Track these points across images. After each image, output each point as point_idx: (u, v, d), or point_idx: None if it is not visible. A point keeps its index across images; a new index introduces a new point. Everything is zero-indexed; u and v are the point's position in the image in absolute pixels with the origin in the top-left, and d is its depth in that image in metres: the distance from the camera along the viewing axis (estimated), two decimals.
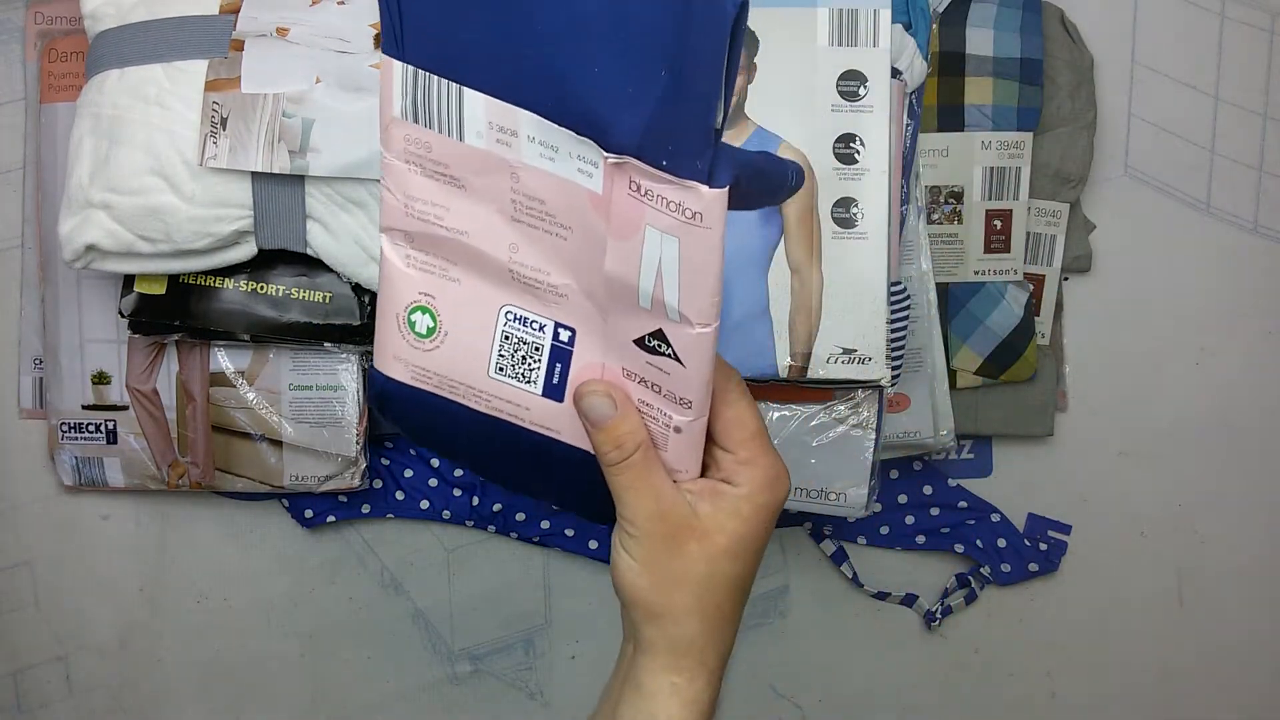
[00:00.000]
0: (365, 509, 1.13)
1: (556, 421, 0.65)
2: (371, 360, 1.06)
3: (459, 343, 0.65)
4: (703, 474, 0.63)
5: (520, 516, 1.13)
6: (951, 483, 1.14)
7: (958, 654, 1.17)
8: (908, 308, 0.98)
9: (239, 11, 0.96)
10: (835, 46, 0.93)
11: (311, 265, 1.00)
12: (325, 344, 1.02)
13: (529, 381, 0.64)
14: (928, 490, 1.14)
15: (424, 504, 1.13)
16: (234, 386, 1.06)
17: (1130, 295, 1.15)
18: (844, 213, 0.92)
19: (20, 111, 1.13)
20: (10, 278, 1.13)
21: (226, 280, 1.01)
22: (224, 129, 0.94)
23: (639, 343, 0.58)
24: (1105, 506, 1.16)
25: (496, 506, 1.13)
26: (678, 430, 0.60)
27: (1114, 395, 1.15)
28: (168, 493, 1.12)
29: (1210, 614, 1.17)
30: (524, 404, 0.65)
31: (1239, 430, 1.16)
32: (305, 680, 1.16)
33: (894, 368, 0.96)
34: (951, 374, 1.09)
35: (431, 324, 0.65)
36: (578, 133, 0.54)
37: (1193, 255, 1.15)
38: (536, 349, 0.63)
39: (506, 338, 0.64)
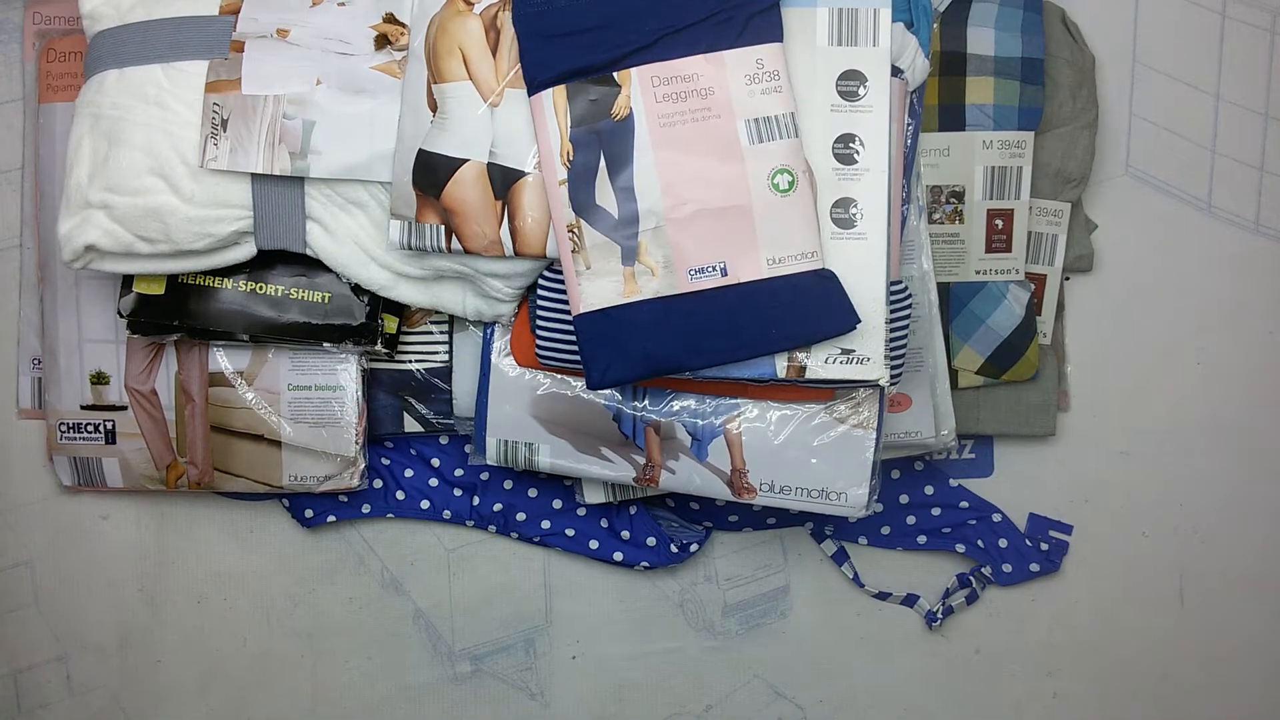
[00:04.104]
0: (365, 509, 1.13)
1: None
2: (370, 360, 1.07)
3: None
4: None
5: (521, 516, 1.13)
6: (953, 483, 1.14)
7: (959, 654, 1.17)
8: (909, 307, 0.97)
9: (239, 12, 0.96)
10: (835, 46, 0.93)
11: (311, 265, 1.00)
12: (324, 344, 1.02)
13: None
14: (929, 490, 1.14)
15: (424, 504, 1.13)
16: (233, 387, 1.06)
17: (1132, 295, 1.15)
18: (843, 213, 0.92)
19: (18, 111, 1.13)
20: (9, 278, 1.13)
21: (225, 280, 1.01)
22: (224, 130, 0.94)
23: None
24: (1107, 506, 1.16)
25: (497, 506, 1.13)
26: None
27: (1116, 395, 1.15)
28: (167, 493, 1.12)
29: (1212, 614, 1.16)
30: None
31: (1241, 430, 1.15)
32: (305, 680, 1.16)
33: (895, 367, 0.96)
34: (953, 374, 1.09)
35: None
36: None
37: (1194, 255, 1.15)
38: None
39: None
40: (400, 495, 1.13)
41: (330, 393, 1.06)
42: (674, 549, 1.13)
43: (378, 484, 1.12)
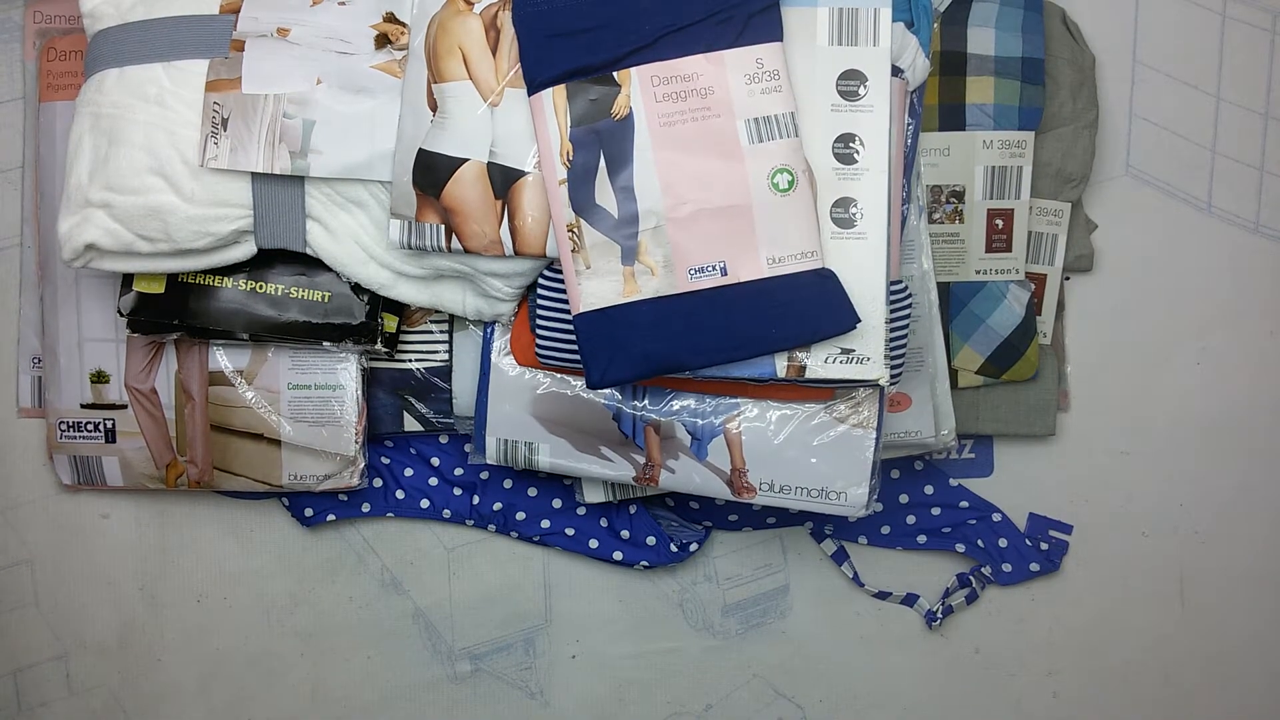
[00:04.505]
0: (365, 508, 1.13)
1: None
2: (370, 359, 1.07)
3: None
4: None
5: (520, 516, 1.13)
6: (953, 482, 1.14)
7: (958, 654, 1.17)
8: (909, 307, 0.97)
9: (239, 11, 0.96)
10: (835, 46, 0.93)
11: (310, 264, 1.00)
12: (324, 343, 1.02)
13: None
14: (929, 490, 1.14)
15: (424, 503, 1.13)
16: (233, 385, 1.06)
17: (1132, 295, 1.15)
18: (843, 213, 0.92)
19: (19, 110, 1.13)
20: (9, 277, 1.13)
21: (225, 279, 1.01)
22: (225, 129, 0.94)
23: None
24: (1107, 506, 1.16)
25: (497, 505, 1.13)
26: None
27: (1116, 395, 1.15)
28: (167, 491, 1.12)
29: (1212, 614, 1.16)
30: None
31: (1241, 430, 1.15)
32: (305, 679, 1.16)
33: (895, 367, 0.96)
34: (953, 373, 1.09)
35: None
36: None
37: (1194, 255, 1.15)
38: None
39: None
40: (400, 494, 1.13)
41: (330, 392, 1.06)
42: (674, 548, 1.13)
43: (377, 483, 1.12)
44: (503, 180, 0.92)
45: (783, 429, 0.97)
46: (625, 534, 1.13)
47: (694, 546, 1.13)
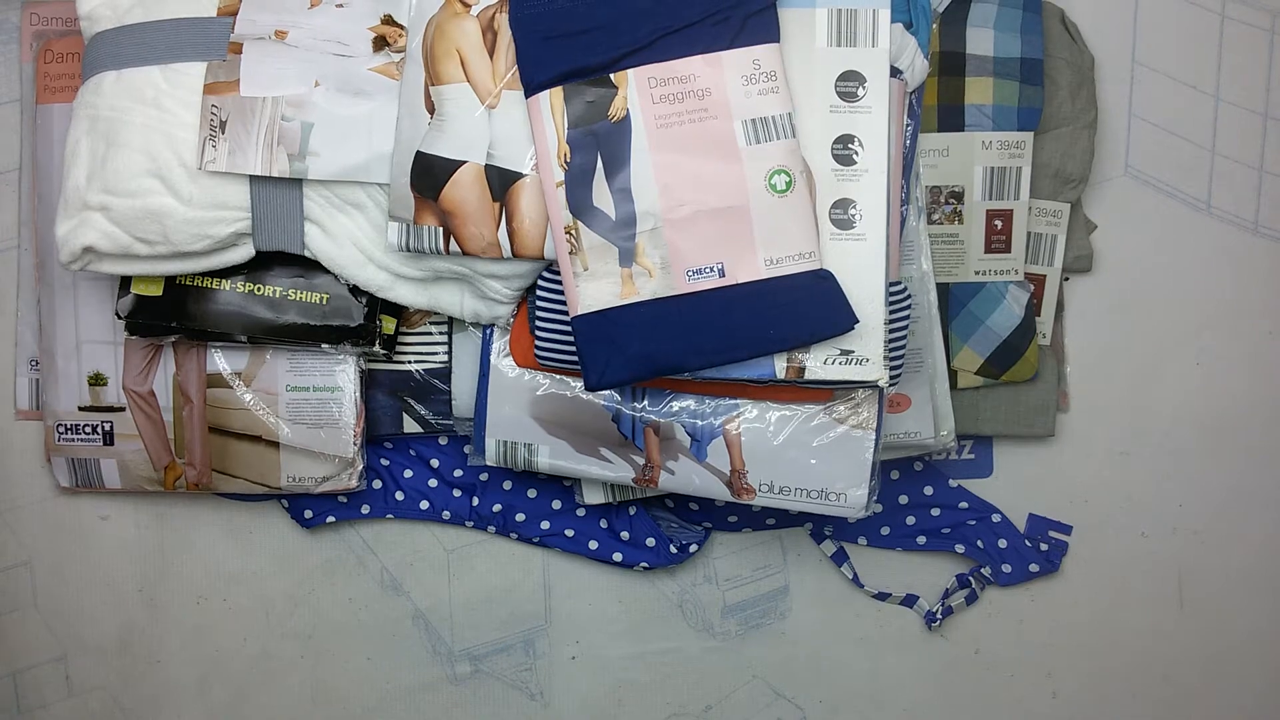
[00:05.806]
0: (365, 509, 1.13)
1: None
2: (369, 361, 1.06)
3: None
4: None
5: (520, 517, 1.13)
6: (952, 483, 1.14)
7: (958, 654, 1.17)
8: (908, 308, 0.97)
9: (237, 14, 0.96)
10: (834, 47, 0.93)
11: (309, 267, 1.00)
12: (322, 345, 1.02)
13: None
14: (928, 491, 1.14)
15: (424, 504, 1.13)
16: (231, 388, 1.06)
17: (1131, 295, 1.15)
18: (842, 214, 0.92)
19: (16, 112, 1.13)
20: (7, 279, 1.13)
21: (224, 281, 1.01)
22: (223, 132, 0.93)
23: None
24: (1106, 506, 1.16)
25: (496, 507, 1.13)
26: None
27: (1115, 395, 1.15)
28: (166, 493, 1.12)
29: (1211, 614, 1.16)
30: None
31: (1240, 430, 1.15)
32: (305, 680, 1.16)
33: (894, 368, 0.96)
34: (952, 374, 1.09)
35: None
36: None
37: (1193, 255, 1.15)
38: None
39: None
40: (399, 496, 1.13)
41: (328, 394, 1.06)
42: (673, 549, 1.13)
43: (377, 485, 1.12)
44: (500, 182, 0.92)
45: (782, 430, 0.97)
46: (625, 535, 1.13)
47: (693, 547, 1.13)
